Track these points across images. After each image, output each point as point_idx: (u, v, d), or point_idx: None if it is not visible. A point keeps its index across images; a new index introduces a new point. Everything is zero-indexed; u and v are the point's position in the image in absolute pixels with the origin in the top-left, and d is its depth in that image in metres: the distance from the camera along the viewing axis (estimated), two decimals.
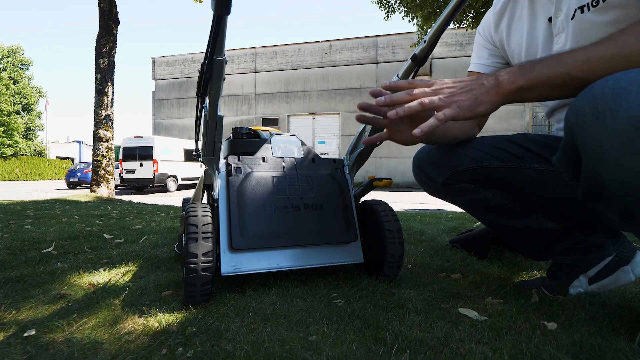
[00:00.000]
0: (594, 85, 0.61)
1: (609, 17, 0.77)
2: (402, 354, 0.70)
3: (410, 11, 6.99)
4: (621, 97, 0.57)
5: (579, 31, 0.81)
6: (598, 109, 0.59)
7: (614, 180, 0.62)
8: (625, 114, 0.56)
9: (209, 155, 1.04)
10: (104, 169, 6.04)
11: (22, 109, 27.72)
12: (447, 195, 1.13)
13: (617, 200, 0.65)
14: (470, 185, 1.04)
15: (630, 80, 0.57)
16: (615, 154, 0.59)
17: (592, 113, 0.60)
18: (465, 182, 1.05)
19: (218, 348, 0.71)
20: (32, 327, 0.81)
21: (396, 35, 14.73)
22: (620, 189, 0.62)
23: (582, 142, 0.63)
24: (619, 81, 0.58)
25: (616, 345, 0.71)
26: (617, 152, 0.58)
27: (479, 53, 1.09)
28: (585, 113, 0.61)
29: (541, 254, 1.08)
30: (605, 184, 0.64)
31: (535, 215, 1.04)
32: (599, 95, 0.60)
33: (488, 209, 1.07)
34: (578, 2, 0.80)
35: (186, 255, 0.90)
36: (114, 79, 6.15)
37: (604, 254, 0.99)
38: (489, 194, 1.04)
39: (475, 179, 1.03)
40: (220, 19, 0.67)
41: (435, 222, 2.54)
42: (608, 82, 0.59)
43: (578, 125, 0.63)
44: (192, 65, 17.49)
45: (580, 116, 0.62)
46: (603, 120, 0.59)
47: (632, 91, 0.56)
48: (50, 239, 1.71)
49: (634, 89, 0.56)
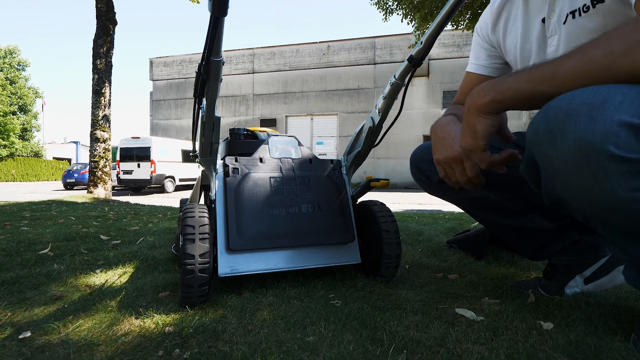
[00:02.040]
0: (551, 104, 0.63)
1: (595, 23, 0.78)
2: (399, 354, 0.70)
3: (408, 12, 7.01)
4: (571, 118, 0.58)
5: (571, 36, 0.81)
6: (550, 128, 0.62)
7: (568, 196, 0.65)
8: (572, 136, 0.58)
9: (207, 156, 1.04)
10: (101, 170, 6.02)
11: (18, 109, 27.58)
12: (443, 193, 1.13)
13: (576, 211, 0.69)
14: None
15: (581, 101, 0.58)
16: (564, 174, 0.62)
17: (545, 132, 0.63)
18: None
19: (215, 349, 0.71)
20: (27, 328, 0.80)
21: (394, 37, 14.77)
22: (574, 203, 0.66)
23: (538, 159, 0.67)
24: (571, 101, 0.60)
25: (612, 345, 0.71)
26: (566, 173, 0.61)
27: (477, 53, 1.09)
28: (539, 131, 0.64)
29: (537, 253, 1.08)
30: (561, 198, 0.67)
31: (531, 215, 1.04)
32: (552, 114, 0.62)
33: (484, 207, 1.08)
34: (570, 6, 0.80)
35: (183, 256, 0.90)
36: (112, 80, 6.13)
37: (599, 254, 1.00)
38: (486, 192, 1.04)
39: None
40: (217, 20, 0.67)
41: (433, 223, 2.55)
42: (562, 102, 0.61)
43: (534, 142, 0.66)
44: (190, 66, 17.46)
45: (536, 133, 0.65)
46: (554, 141, 0.61)
47: (581, 113, 0.58)
48: (47, 240, 1.70)
49: (583, 111, 0.57)
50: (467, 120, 0.75)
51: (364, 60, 15.23)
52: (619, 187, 0.57)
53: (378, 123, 1.09)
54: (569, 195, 0.65)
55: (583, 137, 0.57)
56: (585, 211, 0.67)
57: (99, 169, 6.00)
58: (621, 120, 0.55)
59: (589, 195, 0.61)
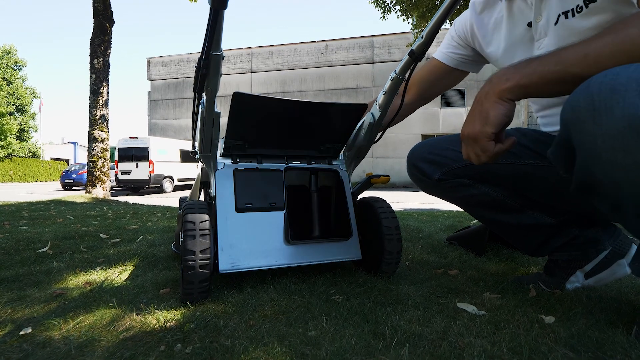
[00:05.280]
0: (592, 80, 0.60)
1: (591, 22, 0.77)
2: (401, 347, 0.70)
3: (406, 11, 7.01)
4: (618, 94, 0.56)
5: (563, 36, 0.81)
6: (594, 105, 0.58)
7: (607, 178, 0.61)
8: (621, 112, 0.55)
9: (206, 152, 1.04)
10: (99, 170, 6.00)
11: (15, 110, 27.46)
12: (442, 192, 1.13)
13: (608, 196, 0.65)
14: (466, 180, 1.05)
15: (629, 77, 0.56)
16: (608, 152, 0.58)
17: (587, 109, 0.59)
18: (460, 178, 1.05)
19: (217, 344, 0.71)
20: (28, 325, 0.80)
21: (392, 35, 14.78)
22: (612, 185, 0.62)
23: (577, 138, 0.63)
24: (617, 77, 0.57)
25: (613, 338, 0.71)
26: (611, 150, 0.58)
27: (448, 43, 1.13)
28: (581, 108, 0.61)
29: (538, 249, 1.08)
30: (597, 180, 0.63)
31: (531, 211, 1.04)
32: (596, 91, 0.58)
33: (484, 205, 1.08)
34: (561, 7, 0.80)
35: (184, 252, 0.90)
36: (109, 79, 6.11)
37: (599, 248, 1.00)
38: (485, 189, 1.05)
39: (471, 175, 1.04)
40: (217, 13, 0.67)
41: (432, 220, 2.55)
42: (606, 78, 0.58)
43: (573, 121, 0.62)
44: (188, 66, 17.43)
45: (575, 111, 0.62)
46: (598, 117, 0.58)
47: (630, 89, 0.55)
48: (46, 239, 1.70)
49: (632, 87, 0.55)
50: (482, 105, 0.71)
51: (363, 60, 15.24)
52: None
53: (378, 119, 1.09)
54: (609, 177, 0.61)
55: (634, 113, 0.54)
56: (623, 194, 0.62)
57: (98, 169, 5.99)
58: None
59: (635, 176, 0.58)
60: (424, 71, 1.18)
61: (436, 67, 1.15)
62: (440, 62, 1.14)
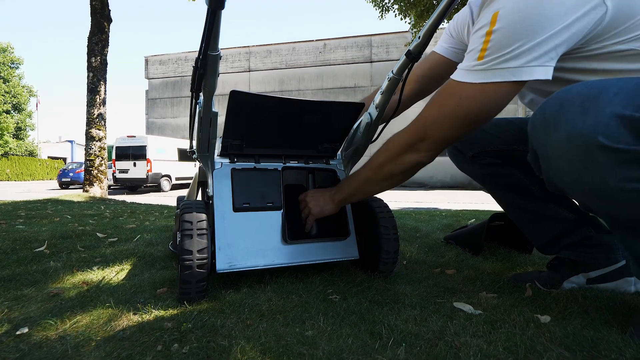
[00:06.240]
0: (552, 96, 0.66)
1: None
2: (397, 347, 0.70)
3: (404, 10, 7.01)
4: (564, 108, 0.61)
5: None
6: (545, 118, 0.65)
7: (561, 183, 0.68)
8: (564, 126, 0.61)
9: (204, 152, 1.04)
10: (96, 169, 5.98)
11: (12, 108, 27.33)
12: (473, 167, 1.17)
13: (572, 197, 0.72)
14: (498, 159, 1.10)
15: (577, 92, 0.61)
16: (557, 162, 0.65)
17: (540, 122, 0.66)
18: (493, 157, 1.11)
19: (214, 343, 0.71)
20: (24, 325, 0.80)
21: (390, 34, 14.77)
22: (569, 191, 0.69)
23: (535, 147, 0.70)
24: (567, 93, 0.63)
25: (608, 337, 0.72)
26: (558, 160, 0.64)
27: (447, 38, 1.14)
28: (536, 121, 0.67)
29: (548, 244, 1.08)
30: (556, 185, 0.70)
31: (553, 203, 1.05)
32: (549, 105, 0.65)
33: (509, 187, 1.11)
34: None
35: (181, 252, 0.90)
36: (107, 78, 6.08)
37: (611, 257, 0.99)
38: (514, 171, 1.09)
39: (503, 157, 1.09)
40: (214, 13, 0.67)
41: (430, 220, 2.56)
42: (559, 93, 0.64)
43: (531, 132, 0.70)
44: (186, 64, 17.38)
45: (533, 124, 0.69)
46: (548, 129, 0.64)
47: (574, 104, 0.60)
48: (43, 238, 1.69)
49: (576, 102, 0.60)
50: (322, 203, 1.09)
51: (361, 59, 15.22)
52: (608, 177, 0.59)
53: (376, 119, 1.09)
54: (564, 184, 0.68)
55: (574, 128, 0.59)
56: (581, 200, 0.70)
57: (95, 167, 5.96)
58: (612, 112, 0.57)
59: (580, 184, 0.64)
60: (424, 66, 1.19)
61: (438, 63, 1.15)
62: (442, 57, 1.15)
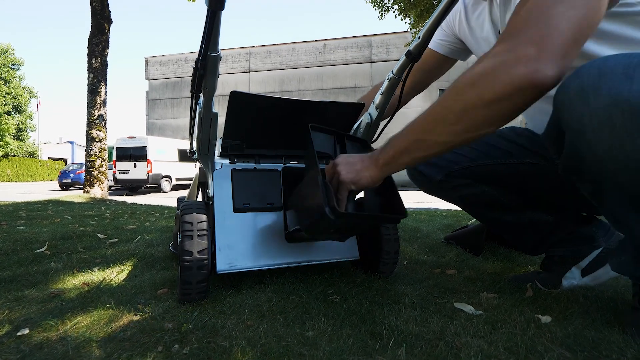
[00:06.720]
0: (583, 66, 0.64)
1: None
2: (398, 348, 0.70)
3: (403, 10, 7.02)
4: (605, 76, 0.59)
5: None
6: (583, 86, 0.62)
7: (591, 155, 0.65)
8: (607, 92, 0.58)
9: (204, 152, 1.04)
10: (97, 170, 5.98)
11: (13, 109, 27.35)
12: (443, 192, 1.14)
13: (592, 175, 0.68)
14: (467, 180, 1.07)
15: (616, 61, 0.60)
16: (594, 130, 0.62)
17: (576, 90, 0.63)
18: (461, 178, 1.07)
19: (214, 344, 0.71)
20: (25, 326, 0.80)
21: (390, 35, 14.77)
22: (596, 164, 0.65)
23: (566, 118, 0.67)
24: (605, 62, 0.61)
25: (609, 337, 0.72)
26: (596, 128, 0.61)
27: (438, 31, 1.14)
28: (570, 89, 0.64)
29: (536, 247, 1.10)
30: (582, 159, 0.67)
31: (530, 209, 1.06)
32: (585, 74, 0.62)
33: (484, 204, 1.09)
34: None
35: (181, 252, 0.90)
36: (107, 79, 6.09)
37: (594, 245, 1.02)
38: (485, 188, 1.06)
39: (471, 176, 1.06)
40: (214, 14, 0.67)
41: (430, 220, 2.55)
42: (595, 63, 0.62)
43: (563, 102, 0.66)
44: (186, 65, 17.39)
45: (566, 93, 0.65)
46: (586, 98, 0.61)
47: (616, 71, 0.59)
48: (43, 239, 1.69)
49: (618, 70, 0.59)
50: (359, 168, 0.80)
51: (361, 59, 15.23)
52: None
53: (376, 119, 1.09)
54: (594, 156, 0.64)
55: (619, 93, 0.57)
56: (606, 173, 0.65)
57: (95, 168, 5.97)
58: None
59: (617, 153, 0.61)
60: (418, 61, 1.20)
61: (429, 57, 1.16)
62: (433, 51, 1.16)
